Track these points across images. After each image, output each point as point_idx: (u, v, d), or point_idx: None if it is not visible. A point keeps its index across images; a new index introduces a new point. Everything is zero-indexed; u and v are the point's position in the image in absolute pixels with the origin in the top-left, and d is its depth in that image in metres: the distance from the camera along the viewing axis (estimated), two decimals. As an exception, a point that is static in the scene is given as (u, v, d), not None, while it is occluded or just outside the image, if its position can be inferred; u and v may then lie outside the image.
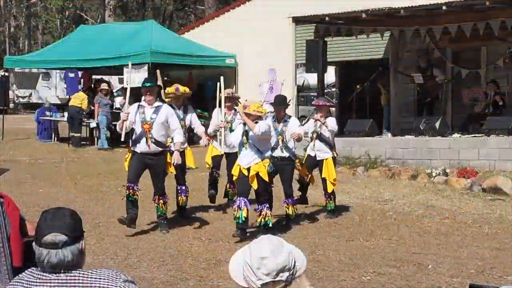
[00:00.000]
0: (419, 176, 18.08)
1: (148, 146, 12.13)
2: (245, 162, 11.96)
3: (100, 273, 3.71)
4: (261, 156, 11.92)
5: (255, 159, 11.90)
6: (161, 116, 12.24)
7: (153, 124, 12.16)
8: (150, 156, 12.20)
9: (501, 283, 9.54)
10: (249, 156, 11.93)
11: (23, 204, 12.71)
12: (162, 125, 12.25)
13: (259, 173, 11.85)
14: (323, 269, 10.26)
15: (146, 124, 12.14)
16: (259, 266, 3.31)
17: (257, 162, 11.88)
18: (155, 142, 12.16)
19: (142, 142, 12.17)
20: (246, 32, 26.62)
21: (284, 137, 13.00)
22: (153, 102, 12.33)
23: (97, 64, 26.20)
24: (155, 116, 12.21)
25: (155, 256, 10.87)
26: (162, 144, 12.36)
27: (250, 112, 11.76)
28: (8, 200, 5.25)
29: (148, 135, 12.11)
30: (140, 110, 12.27)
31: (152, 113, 12.23)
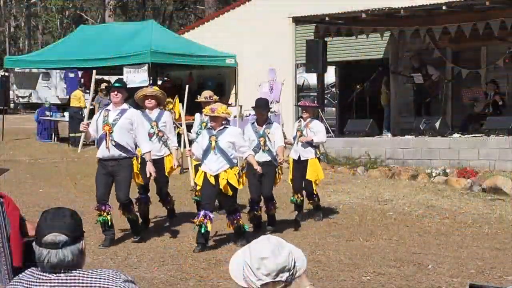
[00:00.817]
0: (419, 176, 18.08)
1: (107, 150, 11.31)
2: (214, 168, 11.26)
3: (100, 273, 3.71)
4: (231, 163, 11.32)
5: (224, 165, 11.25)
6: (125, 119, 11.36)
7: (114, 126, 11.32)
8: (112, 162, 11.34)
9: (501, 283, 9.55)
10: (218, 162, 11.25)
11: (23, 204, 12.72)
12: (125, 129, 11.35)
13: (229, 180, 11.22)
14: (323, 269, 10.26)
15: (107, 125, 11.33)
16: (259, 266, 3.31)
17: (225, 169, 11.25)
18: (115, 145, 11.28)
19: (102, 145, 11.39)
20: (246, 32, 26.61)
21: (266, 139, 12.63)
22: (119, 105, 11.46)
23: (97, 64, 26.17)
24: (118, 117, 11.36)
25: (155, 256, 10.87)
26: (125, 149, 11.37)
27: (219, 115, 11.25)
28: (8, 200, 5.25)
29: (108, 138, 11.29)
30: (105, 113, 11.54)
31: (115, 115, 11.40)
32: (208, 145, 11.31)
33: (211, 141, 11.28)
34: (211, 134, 11.36)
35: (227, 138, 11.29)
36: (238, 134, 11.69)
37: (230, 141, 11.29)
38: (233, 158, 11.39)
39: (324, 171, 19.03)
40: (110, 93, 11.74)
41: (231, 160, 11.32)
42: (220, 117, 11.30)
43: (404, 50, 22.72)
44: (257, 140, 12.61)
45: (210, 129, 11.51)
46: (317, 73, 22.56)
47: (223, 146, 11.24)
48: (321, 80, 22.73)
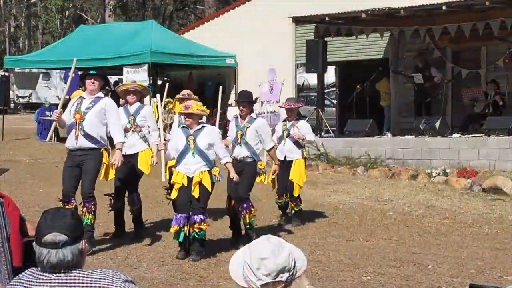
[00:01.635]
0: (419, 176, 18.08)
1: (76, 139, 10.66)
2: (192, 169, 10.55)
3: (100, 273, 3.71)
4: (210, 164, 10.62)
5: (202, 166, 10.55)
6: (97, 107, 10.71)
7: (85, 115, 10.66)
8: (79, 152, 10.71)
9: (501, 283, 9.54)
10: (197, 163, 10.54)
11: (23, 204, 12.72)
12: (97, 118, 10.68)
13: (202, 181, 10.47)
14: (323, 269, 10.26)
15: (78, 114, 10.67)
16: (259, 266, 3.30)
17: (202, 170, 10.54)
18: (84, 135, 10.62)
19: (71, 134, 10.75)
20: (246, 32, 26.61)
21: (243, 133, 11.75)
22: (95, 93, 10.82)
23: (97, 64, 26.15)
24: (91, 106, 10.72)
25: (155, 256, 10.86)
26: (95, 140, 10.69)
27: (193, 112, 10.48)
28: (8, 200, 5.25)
29: (77, 127, 10.64)
30: (79, 100, 10.88)
31: (89, 103, 10.75)
32: (186, 145, 10.58)
33: (189, 142, 10.57)
34: (188, 134, 10.62)
35: (205, 139, 10.58)
36: (217, 134, 10.90)
37: (209, 142, 10.57)
38: (213, 160, 10.69)
39: (324, 171, 19.15)
40: (86, 80, 10.92)
41: (210, 161, 10.62)
42: (195, 114, 10.53)
43: (404, 50, 22.72)
44: (236, 133, 11.87)
45: (185, 128, 10.74)
46: (317, 73, 22.57)
47: (202, 147, 10.55)
48: (321, 80, 22.73)
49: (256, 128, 11.79)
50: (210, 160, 10.62)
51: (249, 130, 11.76)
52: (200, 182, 10.48)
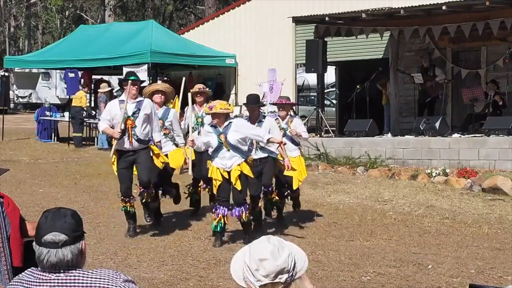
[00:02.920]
0: (419, 176, 18.07)
1: (130, 144, 11.65)
2: (228, 164, 11.24)
3: (100, 273, 3.71)
4: (244, 155, 11.33)
5: (237, 160, 11.25)
6: (143, 110, 11.66)
7: (135, 121, 11.62)
8: (132, 152, 11.71)
9: (501, 283, 9.55)
10: (232, 157, 11.22)
11: (23, 204, 12.73)
12: (144, 121, 11.69)
13: (243, 171, 11.24)
14: (323, 269, 10.26)
15: (129, 120, 11.60)
16: (257, 267, 3.30)
17: (239, 163, 11.25)
18: (137, 139, 11.66)
19: (124, 139, 11.63)
20: (246, 32, 26.62)
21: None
22: (135, 97, 11.77)
23: (97, 64, 26.20)
24: (137, 110, 11.65)
25: (155, 256, 10.87)
26: (145, 141, 11.76)
27: (218, 112, 11.09)
28: (8, 200, 5.24)
29: (130, 132, 11.59)
30: (122, 105, 11.66)
31: (134, 107, 11.67)
32: (219, 143, 11.22)
33: (221, 140, 11.20)
34: (219, 133, 11.21)
35: (235, 134, 11.15)
36: (244, 125, 11.52)
37: (239, 136, 11.18)
38: (246, 151, 11.37)
39: (324, 171, 19.15)
40: (127, 85, 11.68)
41: (243, 152, 11.30)
42: (220, 113, 11.12)
43: (404, 50, 22.72)
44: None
45: (214, 127, 11.32)
46: (317, 73, 22.56)
47: (234, 142, 11.16)
48: (321, 80, 22.72)
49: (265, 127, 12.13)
50: (244, 151, 11.33)
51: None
52: (240, 174, 11.19)
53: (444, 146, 19.01)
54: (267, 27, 25.93)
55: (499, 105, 20.34)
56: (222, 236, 11.60)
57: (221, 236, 11.56)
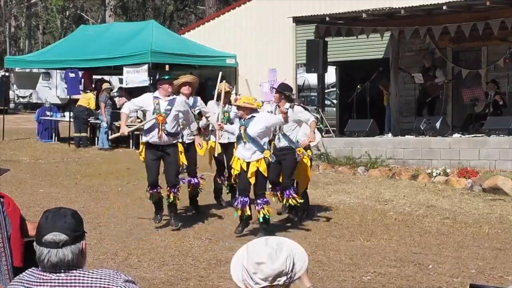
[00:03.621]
0: (419, 176, 18.07)
1: (159, 138, 12.26)
2: (247, 155, 11.79)
3: (100, 273, 3.71)
4: (261, 149, 11.77)
5: (255, 152, 11.73)
6: (176, 108, 12.36)
7: (167, 117, 12.27)
8: (160, 147, 12.35)
9: (502, 283, 9.55)
10: (250, 150, 11.75)
11: (23, 204, 12.72)
12: (175, 118, 12.39)
13: (259, 168, 11.71)
14: (324, 269, 10.26)
15: (160, 116, 12.25)
16: (255, 271, 3.29)
17: (257, 158, 11.72)
18: (167, 134, 12.28)
19: (154, 133, 12.29)
20: (247, 32, 26.62)
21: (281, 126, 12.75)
22: (169, 95, 12.47)
23: (98, 64, 26.20)
24: (169, 107, 12.34)
25: (155, 256, 10.87)
26: (174, 136, 12.48)
27: (240, 105, 11.78)
28: (8, 200, 5.24)
29: (160, 127, 12.22)
30: (155, 101, 12.38)
31: (167, 104, 12.36)
32: (239, 134, 11.83)
33: (241, 131, 11.76)
34: (241, 124, 11.83)
35: (255, 127, 11.67)
36: (265, 118, 11.96)
37: (259, 129, 11.69)
38: (264, 144, 11.78)
39: (325, 171, 19.15)
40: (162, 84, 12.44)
41: (261, 146, 11.73)
42: (243, 107, 11.70)
43: (405, 50, 22.71)
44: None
45: (240, 118, 11.99)
46: (317, 73, 22.55)
47: (253, 135, 11.65)
48: (321, 80, 22.72)
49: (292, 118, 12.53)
50: (262, 145, 11.77)
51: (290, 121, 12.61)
52: (257, 170, 11.67)
53: (445, 146, 19.01)
54: (268, 27, 25.93)
55: (499, 105, 20.34)
56: (246, 225, 12.14)
57: (245, 225, 12.11)
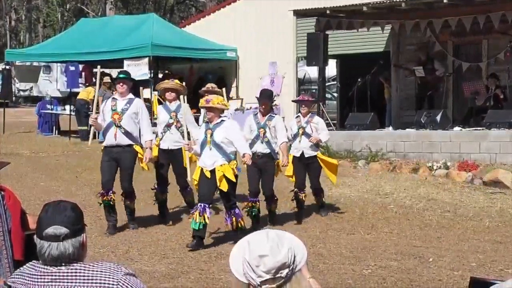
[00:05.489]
0: (420, 169, 18.08)
1: (115, 137, 11.84)
2: (208, 163, 11.00)
3: (101, 266, 3.71)
4: (227, 158, 11.01)
5: (219, 159, 10.96)
6: (132, 107, 11.96)
7: (123, 115, 11.88)
8: (117, 148, 11.88)
9: (502, 276, 9.55)
10: (213, 156, 10.98)
11: (24, 198, 12.74)
12: (132, 118, 11.94)
13: (225, 174, 10.90)
14: (324, 262, 10.27)
15: (116, 114, 11.89)
16: (258, 264, 3.29)
17: (221, 164, 10.94)
18: (124, 132, 11.84)
19: (110, 133, 11.92)
20: (247, 25, 26.59)
21: (266, 130, 12.44)
22: (126, 95, 12.05)
23: (98, 58, 26.16)
24: (126, 107, 11.94)
25: (156, 249, 10.88)
26: (131, 136, 11.95)
27: (214, 106, 10.92)
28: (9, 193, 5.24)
29: (116, 125, 11.84)
30: (112, 102, 12.04)
31: (124, 104, 11.97)
32: (204, 139, 11.08)
33: (207, 135, 11.03)
34: (207, 128, 11.11)
35: (222, 133, 10.94)
36: (234, 128, 11.26)
37: (226, 136, 10.94)
38: (230, 153, 11.05)
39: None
40: (116, 84, 12.20)
41: (227, 154, 10.99)
42: (216, 108, 10.94)
43: (405, 43, 22.69)
44: (257, 130, 12.46)
45: (207, 122, 11.24)
46: (318, 66, 22.54)
47: (219, 141, 10.93)
48: (322, 74, 22.70)
49: (274, 125, 12.47)
50: (228, 154, 11.01)
51: (270, 128, 12.45)
52: (224, 176, 10.90)
53: (445, 140, 19.01)
54: (268, 20, 25.90)
55: (500, 99, 20.33)
56: (202, 237, 11.06)
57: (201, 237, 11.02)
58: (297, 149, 13.47)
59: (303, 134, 13.42)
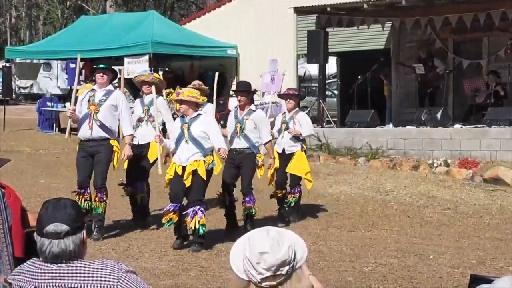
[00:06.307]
0: (420, 166, 18.08)
1: (91, 130, 11.04)
2: (184, 157, 10.52)
3: (101, 264, 3.71)
4: (204, 152, 10.55)
5: (195, 154, 10.50)
6: (111, 99, 11.17)
7: (100, 106, 11.08)
8: (92, 142, 11.10)
9: (503, 274, 9.54)
10: (189, 151, 10.52)
11: (24, 195, 12.71)
12: (110, 110, 11.14)
13: (197, 170, 10.44)
14: (325, 260, 10.27)
15: (93, 105, 11.07)
16: (258, 261, 3.29)
17: (197, 159, 10.48)
18: (100, 125, 11.06)
19: (84, 125, 11.11)
20: (248, 22, 26.58)
21: (242, 125, 11.75)
22: (105, 86, 11.24)
23: (98, 55, 26.15)
24: (104, 98, 11.14)
25: (156, 247, 10.87)
26: (108, 130, 11.14)
27: (184, 98, 10.43)
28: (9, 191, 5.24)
29: (93, 117, 11.04)
30: (91, 93, 11.23)
31: (102, 95, 11.16)
32: (180, 133, 10.61)
33: (183, 129, 10.58)
34: (183, 122, 10.63)
35: (199, 127, 10.54)
36: (212, 123, 10.82)
37: (203, 130, 10.53)
38: (208, 148, 10.63)
39: (326, 162, 19.15)
40: (96, 74, 11.38)
41: (204, 149, 10.56)
42: (188, 101, 10.47)
43: (406, 40, 22.69)
44: (234, 125, 11.84)
45: (182, 117, 10.74)
46: (318, 63, 22.54)
47: (196, 135, 10.51)
48: (322, 71, 22.70)
49: (254, 120, 11.78)
50: (205, 149, 10.58)
51: (248, 122, 11.77)
52: (194, 171, 10.46)
53: (446, 137, 19.01)
54: (269, 17, 25.90)
55: (500, 96, 20.33)
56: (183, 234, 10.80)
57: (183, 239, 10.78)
58: (279, 144, 13.22)
59: (286, 130, 13.21)
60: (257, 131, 11.82)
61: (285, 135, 13.22)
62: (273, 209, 13.71)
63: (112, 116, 11.20)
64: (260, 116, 12.03)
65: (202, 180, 10.50)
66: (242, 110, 11.89)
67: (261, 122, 11.88)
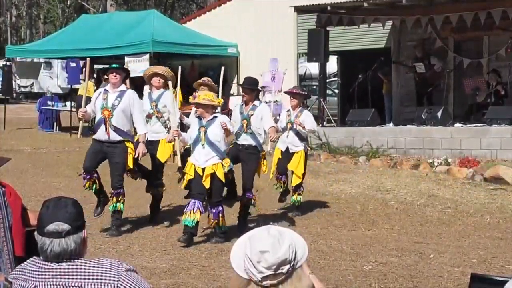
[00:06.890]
0: (420, 165, 18.07)
1: (107, 134, 11.28)
2: (201, 160, 10.78)
3: (102, 262, 3.72)
4: (221, 155, 10.82)
5: (213, 157, 10.77)
6: (124, 102, 11.28)
7: (113, 111, 11.25)
8: (108, 144, 11.33)
9: (503, 273, 9.55)
10: (207, 154, 10.77)
11: (24, 194, 12.71)
12: (124, 113, 11.30)
13: (216, 172, 10.73)
14: (325, 259, 10.27)
15: (106, 110, 11.25)
16: (259, 260, 3.29)
17: (215, 162, 10.75)
18: (115, 130, 11.25)
19: (101, 129, 11.32)
20: (248, 21, 26.58)
21: (248, 122, 11.83)
22: (118, 85, 11.34)
23: (99, 54, 26.17)
24: (117, 102, 11.27)
25: (157, 246, 10.87)
26: (123, 132, 11.35)
27: (200, 102, 10.67)
28: (10, 190, 5.24)
29: (107, 123, 11.23)
30: (104, 95, 11.38)
31: (114, 98, 11.29)
32: (197, 136, 10.83)
33: (200, 132, 10.79)
34: (200, 125, 10.83)
35: (216, 130, 10.74)
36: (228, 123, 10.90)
37: (219, 133, 10.75)
38: (224, 151, 10.86)
39: (326, 161, 19.15)
40: (108, 74, 11.50)
41: (221, 152, 10.80)
42: (204, 104, 10.68)
43: (406, 39, 22.68)
44: (240, 122, 11.90)
45: (200, 119, 10.93)
46: (319, 62, 22.54)
47: (212, 138, 10.73)
48: (323, 70, 22.70)
49: (258, 114, 11.84)
50: (221, 152, 10.82)
51: (253, 118, 11.83)
52: (213, 174, 10.72)
53: (446, 136, 19.01)
54: (269, 16, 25.90)
55: (501, 95, 20.32)
56: (194, 234, 10.94)
57: (192, 234, 10.89)
58: (284, 143, 13.35)
59: (291, 129, 13.30)
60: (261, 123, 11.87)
61: (290, 134, 13.32)
62: (274, 208, 13.72)
63: (126, 118, 11.37)
64: (263, 107, 12.08)
65: (221, 183, 10.86)
66: (246, 105, 12.00)
67: (264, 112, 11.94)
